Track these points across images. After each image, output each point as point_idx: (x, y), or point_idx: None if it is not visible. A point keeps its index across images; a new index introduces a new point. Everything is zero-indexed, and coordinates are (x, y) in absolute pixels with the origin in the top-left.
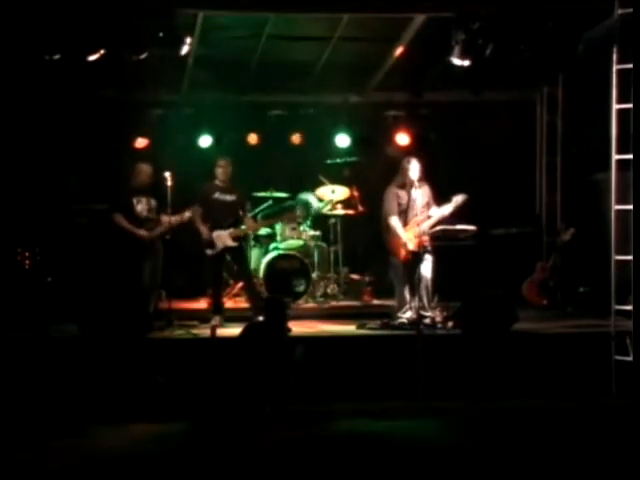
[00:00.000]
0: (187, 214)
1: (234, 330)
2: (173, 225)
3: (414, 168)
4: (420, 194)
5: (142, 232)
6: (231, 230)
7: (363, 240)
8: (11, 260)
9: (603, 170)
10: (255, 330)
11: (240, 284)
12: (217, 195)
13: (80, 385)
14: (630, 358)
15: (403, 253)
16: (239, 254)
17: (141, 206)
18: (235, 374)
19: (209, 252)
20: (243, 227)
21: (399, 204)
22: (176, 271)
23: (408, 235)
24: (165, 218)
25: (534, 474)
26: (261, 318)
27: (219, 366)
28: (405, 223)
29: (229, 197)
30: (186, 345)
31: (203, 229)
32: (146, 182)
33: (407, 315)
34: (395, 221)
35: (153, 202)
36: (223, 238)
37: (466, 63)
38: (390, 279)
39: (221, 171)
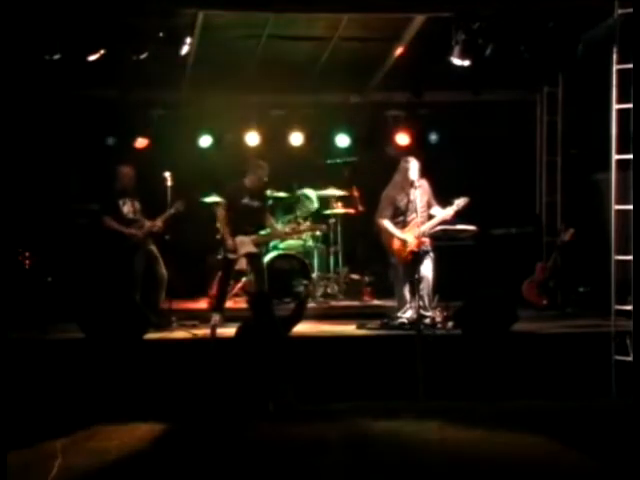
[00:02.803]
0: (171, 211)
1: (234, 330)
2: (156, 228)
3: (413, 168)
4: (419, 193)
5: (133, 230)
6: (254, 237)
7: (363, 240)
8: (11, 260)
9: (603, 170)
10: (248, 329)
11: (240, 284)
12: (246, 200)
13: (80, 385)
14: (630, 358)
15: (402, 253)
16: (257, 260)
17: (127, 208)
18: (235, 374)
19: (231, 256)
20: (266, 233)
21: (396, 207)
22: (176, 271)
23: (408, 235)
24: (147, 223)
25: (534, 473)
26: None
27: (219, 366)
28: (405, 224)
29: (256, 203)
30: (186, 345)
31: (229, 241)
32: (129, 184)
33: (407, 315)
34: (386, 223)
35: (137, 204)
36: (246, 244)
37: (466, 63)
38: (390, 279)
39: (258, 178)
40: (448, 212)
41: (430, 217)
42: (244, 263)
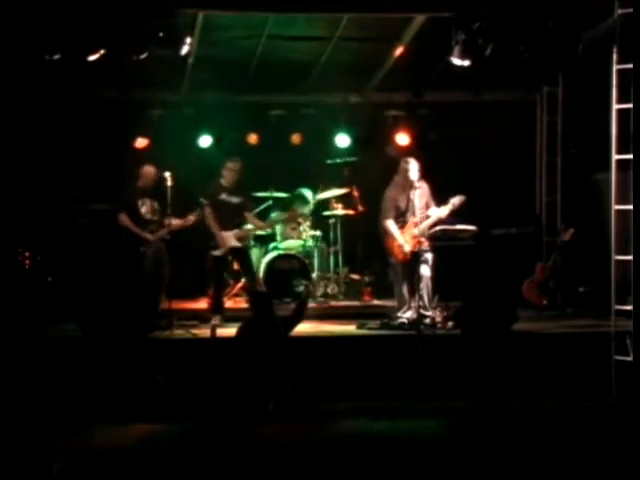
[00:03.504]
0: (191, 217)
1: (234, 330)
2: (176, 228)
3: (413, 168)
4: (419, 194)
5: (147, 235)
6: (236, 231)
7: (363, 240)
8: (11, 260)
9: (603, 170)
10: (249, 329)
11: (240, 284)
12: (224, 196)
13: (80, 385)
14: (630, 358)
15: (400, 254)
16: (243, 255)
17: (145, 208)
18: (235, 374)
19: (216, 253)
20: (248, 227)
21: (398, 207)
22: (176, 271)
23: (405, 236)
24: (172, 221)
25: (534, 473)
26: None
27: (219, 366)
28: (404, 224)
29: (235, 199)
30: (186, 345)
31: (218, 233)
32: (150, 184)
33: (407, 315)
34: (390, 224)
35: (156, 204)
36: (228, 239)
37: (466, 63)
38: (390, 279)
39: (231, 174)
40: (443, 211)
41: (427, 218)
42: None
